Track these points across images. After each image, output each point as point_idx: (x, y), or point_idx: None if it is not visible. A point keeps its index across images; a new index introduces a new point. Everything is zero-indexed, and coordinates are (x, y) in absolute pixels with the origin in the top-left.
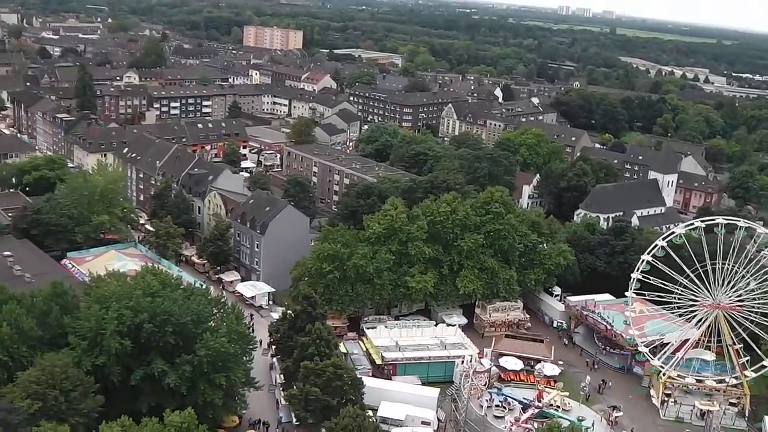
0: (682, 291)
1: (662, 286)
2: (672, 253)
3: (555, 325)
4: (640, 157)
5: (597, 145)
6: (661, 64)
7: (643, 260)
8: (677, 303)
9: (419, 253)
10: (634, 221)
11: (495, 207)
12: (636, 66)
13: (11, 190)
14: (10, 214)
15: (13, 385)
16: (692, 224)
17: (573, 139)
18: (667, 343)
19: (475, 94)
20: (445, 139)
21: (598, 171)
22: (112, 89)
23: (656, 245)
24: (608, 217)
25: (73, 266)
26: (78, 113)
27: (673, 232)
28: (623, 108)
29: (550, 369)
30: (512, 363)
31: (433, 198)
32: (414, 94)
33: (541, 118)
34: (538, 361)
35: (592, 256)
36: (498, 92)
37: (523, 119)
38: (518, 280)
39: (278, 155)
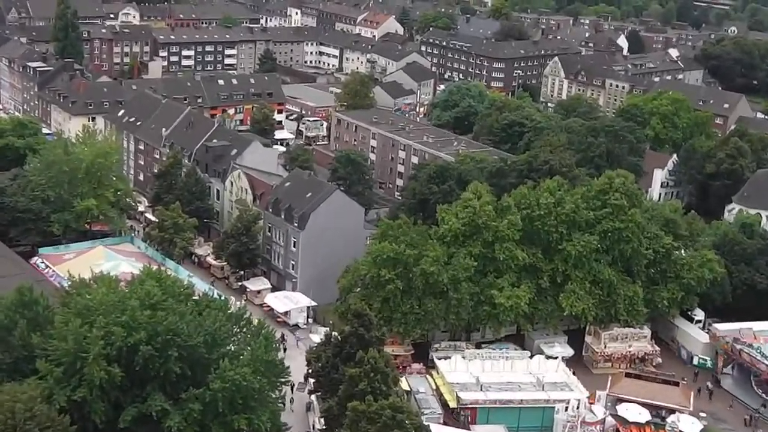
0: None
1: None
2: None
3: (696, 362)
4: None
5: (759, 115)
6: None
7: None
8: None
9: (510, 259)
10: None
11: (615, 198)
12: None
13: None
14: None
15: None
16: None
17: (726, 106)
18: None
19: (591, 44)
20: (549, 104)
21: (760, 150)
22: (104, 30)
23: None
24: None
25: (47, 266)
26: (57, 62)
27: None
28: None
29: (689, 423)
30: (635, 412)
31: (530, 185)
32: (508, 43)
33: (681, 77)
34: (672, 411)
35: (750, 267)
36: (622, 41)
37: (657, 78)
38: (645, 299)
39: (325, 123)
